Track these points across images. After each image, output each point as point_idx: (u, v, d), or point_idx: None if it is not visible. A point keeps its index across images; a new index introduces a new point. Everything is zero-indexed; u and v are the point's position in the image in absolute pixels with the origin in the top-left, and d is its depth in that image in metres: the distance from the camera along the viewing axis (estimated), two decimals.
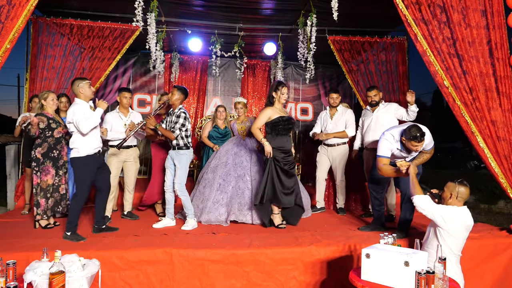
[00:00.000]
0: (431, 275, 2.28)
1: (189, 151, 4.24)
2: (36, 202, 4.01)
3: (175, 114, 4.19)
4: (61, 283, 2.37)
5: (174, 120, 4.17)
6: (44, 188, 4.01)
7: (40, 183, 4.00)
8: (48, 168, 4.03)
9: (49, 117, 4.04)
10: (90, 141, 3.72)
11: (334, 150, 5.05)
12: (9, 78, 37.94)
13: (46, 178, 4.03)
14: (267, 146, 4.01)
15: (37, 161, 4.01)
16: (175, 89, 4.21)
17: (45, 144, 4.03)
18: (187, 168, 4.25)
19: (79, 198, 3.69)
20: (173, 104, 4.22)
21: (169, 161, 4.27)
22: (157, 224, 4.17)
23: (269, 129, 4.13)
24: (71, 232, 3.61)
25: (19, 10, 3.37)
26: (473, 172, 14.31)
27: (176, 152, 4.19)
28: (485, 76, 3.83)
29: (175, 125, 4.12)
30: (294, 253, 3.36)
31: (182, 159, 4.17)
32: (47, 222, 4.06)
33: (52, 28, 5.30)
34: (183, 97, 4.23)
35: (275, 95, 4.11)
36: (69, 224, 3.62)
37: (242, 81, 7.96)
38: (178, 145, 4.18)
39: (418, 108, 4.52)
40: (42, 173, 4.00)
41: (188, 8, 5.72)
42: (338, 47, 5.80)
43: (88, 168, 3.71)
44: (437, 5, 3.80)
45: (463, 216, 2.82)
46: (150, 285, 3.19)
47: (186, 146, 4.20)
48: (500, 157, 3.89)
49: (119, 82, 7.57)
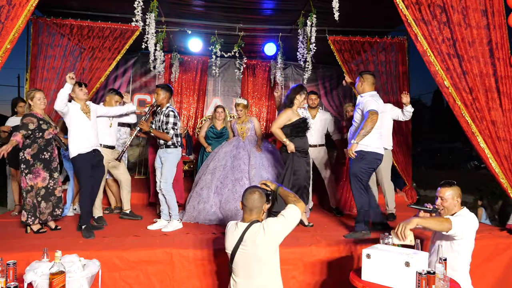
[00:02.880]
0: (431, 276, 2.28)
1: (177, 150, 4.19)
2: (24, 206, 3.81)
3: (163, 113, 4.14)
4: (61, 284, 2.37)
5: (163, 119, 4.11)
6: (36, 191, 3.83)
7: (30, 185, 3.80)
8: (39, 171, 3.83)
9: (39, 117, 3.83)
10: (80, 141, 3.83)
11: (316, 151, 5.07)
12: (9, 78, 37.63)
13: (36, 181, 3.82)
14: (290, 145, 4.03)
15: (26, 162, 3.79)
16: (159, 89, 4.16)
17: (34, 145, 3.82)
18: (174, 167, 4.19)
19: (83, 194, 3.87)
20: (161, 103, 4.19)
21: (157, 161, 4.25)
22: (151, 226, 4.13)
23: (289, 131, 4.12)
24: (85, 225, 3.77)
25: (19, 10, 3.37)
26: (473, 172, 14.30)
27: (164, 150, 4.15)
28: (485, 76, 3.82)
29: (167, 126, 4.08)
30: (294, 253, 3.35)
31: (169, 157, 4.13)
32: (39, 227, 3.87)
33: (52, 29, 5.30)
34: (168, 94, 4.19)
35: (299, 98, 4.15)
36: (81, 220, 3.84)
37: (242, 81, 7.96)
38: (166, 143, 4.14)
39: (413, 108, 4.51)
40: (32, 176, 3.81)
41: (188, 8, 5.72)
42: (338, 47, 5.79)
43: (82, 166, 3.84)
44: (437, 5, 3.80)
45: (474, 219, 2.71)
46: (150, 285, 3.19)
47: (174, 145, 4.16)
48: (500, 157, 3.89)
49: (119, 82, 7.58)
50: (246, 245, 2.35)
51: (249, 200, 2.43)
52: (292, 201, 2.53)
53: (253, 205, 2.43)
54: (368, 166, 3.81)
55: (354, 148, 3.68)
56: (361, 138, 3.66)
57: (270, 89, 8.05)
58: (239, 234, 2.38)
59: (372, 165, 3.85)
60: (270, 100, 8.10)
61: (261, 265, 2.34)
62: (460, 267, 2.69)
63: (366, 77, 3.96)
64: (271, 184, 2.65)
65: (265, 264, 2.35)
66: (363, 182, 3.82)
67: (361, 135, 3.65)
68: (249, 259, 2.34)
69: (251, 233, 2.35)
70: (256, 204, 2.43)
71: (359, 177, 3.80)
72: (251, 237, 2.33)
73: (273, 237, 2.35)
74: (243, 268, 2.37)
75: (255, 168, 4.63)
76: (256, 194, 2.45)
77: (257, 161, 4.70)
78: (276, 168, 4.82)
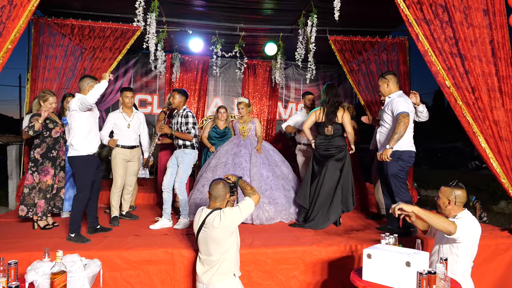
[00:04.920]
0: (432, 276, 2.28)
1: (195, 151, 4.31)
2: (33, 203, 3.97)
3: (180, 115, 4.28)
4: (63, 283, 2.38)
5: (181, 121, 4.25)
6: (44, 189, 3.99)
7: (39, 183, 3.97)
8: (48, 169, 4.01)
9: (46, 117, 3.97)
10: (90, 140, 3.69)
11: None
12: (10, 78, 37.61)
13: (45, 178, 4.00)
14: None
15: (35, 161, 3.97)
16: (176, 93, 4.33)
17: (43, 145, 4.01)
18: (190, 168, 4.28)
19: (81, 199, 3.62)
20: (177, 107, 4.35)
21: (173, 160, 4.31)
22: (154, 225, 4.16)
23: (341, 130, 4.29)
24: (75, 233, 3.53)
25: (21, 11, 3.37)
26: (475, 172, 14.28)
27: (182, 151, 4.25)
28: (488, 76, 3.82)
29: (187, 126, 4.21)
30: (295, 252, 3.36)
31: (186, 158, 4.22)
32: (45, 223, 4.05)
33: (53, 29, 5.30)
34: (184, 98, 4.36)
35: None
36: (72, 226, 3.55)
37: (243, 81, 7.97)
38: (184, 144, 4.24)
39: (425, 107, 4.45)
40: (41, 174, 3.97)
41: (189, 8, 5.72)
42: (339, 47, 5.79)
43: (89, 168, 3.67)
44: (439, 5, 3.80)
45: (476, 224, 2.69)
46: (151, 284, 3.20)
47: (193, 146, 4.27)
48: (502, 157, 3.88)
49: (120, 83, 7.59)
50: (206, 228, 2.73)
51: (214, 190, 2.81)
52: (248, 193, 2.87)
53: (217, 194, 2.79)
54: (405, 165, 3.81)
55: (389, 153, 3.68)
56: (395, 143, 3.66)
57: (271, 89, 8.06)
58: (203, 218, 2.77)
59: (408, 163, 3.84)
60: (270, 100, 8.10)
61: (217, 244, 2.71)
62: (460, 270, 2.67)
63: (389, 77, 3.92)
64: (231, 177, 2.99)
65: (221, 244, 2.71)
66: (403, 181, 3.83)
67: (395, 140, 3.65)
68: (208, 240, 2.73)
69: (211, 218, 2.72)
70: (220, 193, 2.80)
71: (399, 177, 3.81)
72: (210, 221, 2.71)
73: (227, 223, 2.69)
74: (203, 246, 2.77)
75: (256, 166, 4.64)
76: (220, 185, 2.82)
77: (258, 160, 4.72)
78: (277, 167, 4.83)
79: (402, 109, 3.68)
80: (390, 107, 3.83)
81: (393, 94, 3.89)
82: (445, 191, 2.76)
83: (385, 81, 3.92)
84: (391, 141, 3.65)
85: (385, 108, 3.95)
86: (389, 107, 3.85)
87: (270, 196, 4.46)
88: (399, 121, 3.63)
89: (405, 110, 3.67)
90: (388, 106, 3.88)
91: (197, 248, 2.91)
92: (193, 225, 2.91)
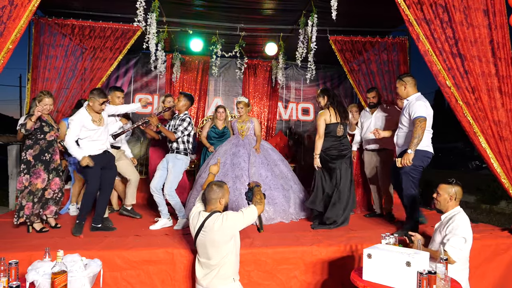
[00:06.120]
0: (432, 276, 2.28)
1: (187, 158, 4.26)
2: (20, 205, 3.79)
3: (179, 118, 4.26)
4: (63, 283, 2.38)
5: (178, 123, 4.23)
6: (33, 191, 3.83)
7: (29, 185, 3.81)
8: (40, 172, 3.85)
9: (42, 119, 3.88)
10: (91, 143, 3.83)
11: None
12: (11, 78, 37.79)
13: (36, 181, 3.84)
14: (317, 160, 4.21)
15: (27, 163, 3.82)
16: (182, 96, 4.27)
17: (36, 146, 3.85)
18: (180, 174, 4.22)
19: (88, 195, 3.90)
20: (179, 110, 4.30)
21: (163, 163, 4.27)
22: (154, 225, 4.16)
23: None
24: (79, 220, 3.82)
25: (21, 11, 3.37)
26: (475, 172, 14.28)
27: (175, 156, 4.20)
28: (488, 76, 3.82)
29: (178, 127, 4.18)
30: (296, 252, 3.36)
31: (178, 164, 4.18)
32: (41, 226, 3.94)
33: (53, 29, 5.31)
34: (189, 103, 4.31)
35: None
36: (78, 215, 3.90)
37: (243, 81, 7.97)
38: (177, 149, 4.21)
39: None
40: (32, 176, 3.82)
41: (189, 8, 5.72)
42: (340, 47, 5.79)
43: (92, 168, 3.78)
44: (439, 5, 3.80)
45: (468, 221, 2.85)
46: (151, 284, 3.20)
47: (185, 152, 4.23)
48: (502, 157, 3.89)
49: (120, 82, 7.59)
50: (206, 231, 2.70)
51: (209, 193, 2.82)
52: (255, 201, 2.87)
53: (210, 197, 2.79)
54: (419, 164, 3.78)
55: (410, 157, 3.66)
56: (415, 147, 3.66)
57: (271, 89, 8.06)
58: (201, 221, 2.74)
59: (423, 163, 3.81)
60: (271, 100, 8.10)
61: (215, 248, 2.69)
62: (456, 275, 2.69)
63: (407, 80, 3.88)
64: (252, 183, 3.18)
65: (219, 248, 2.69)
66: (414, 180, 3.83)
67: (415, 144, 3.65)
68: (207, 243, 2.70)
69: (211, 221, 2.69)
70: (213, 196, 2.79)
71: (411, 175, 3.80)
72: (210, 224, 2.68)
73: (228, 227, 2.67)
74: (202, 249, 2.76)
75: (254, 166, 4.64)
76: (213, 188, 2.83)
77: (257, 160, 4.71)
78: (276, 167, 4.83)
79: (419, 113, 3.67)
80: (408, 110, 3.81)
81: (411, 97, 3.86)
82: (446, 187, 2.92)
83: (402, 83, 3.89)
84: (411, 145, 3.66)
85: (403, 111, 3.93)
86: (407, 110, 3.83)
87: (269, 196, 4.46)
88: (416, 126, 3.64)
89: (422, 115, 3.66)
90: (406, 109, 3.85)
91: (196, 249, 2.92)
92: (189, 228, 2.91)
